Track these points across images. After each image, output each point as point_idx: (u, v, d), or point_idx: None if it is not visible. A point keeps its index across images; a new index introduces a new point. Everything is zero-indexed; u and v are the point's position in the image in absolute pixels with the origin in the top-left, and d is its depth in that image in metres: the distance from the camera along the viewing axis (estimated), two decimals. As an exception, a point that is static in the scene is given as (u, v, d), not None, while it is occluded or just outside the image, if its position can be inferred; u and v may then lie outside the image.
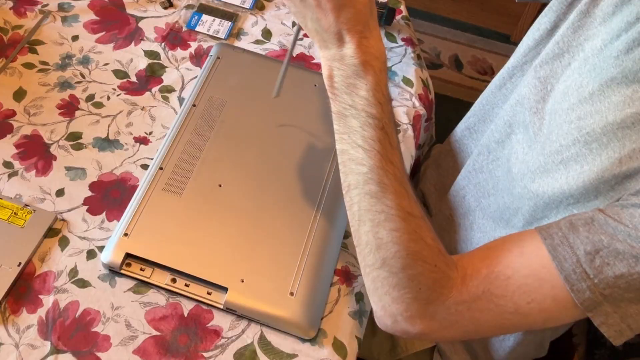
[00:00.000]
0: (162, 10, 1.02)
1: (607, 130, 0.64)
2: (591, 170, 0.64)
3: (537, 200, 0.70)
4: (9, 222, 0.75)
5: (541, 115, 0.74)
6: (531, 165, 0.72)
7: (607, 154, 0.63)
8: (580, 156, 0.66)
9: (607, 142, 0.63)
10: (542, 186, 0.70)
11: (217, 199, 0.79)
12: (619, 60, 0.65)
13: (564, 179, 0.67)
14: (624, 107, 0.63)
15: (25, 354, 0.68)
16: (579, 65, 0.70)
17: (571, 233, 0.59)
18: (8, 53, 0.92)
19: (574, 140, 0.66)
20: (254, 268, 0.74)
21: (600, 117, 0.65)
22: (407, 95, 0.96)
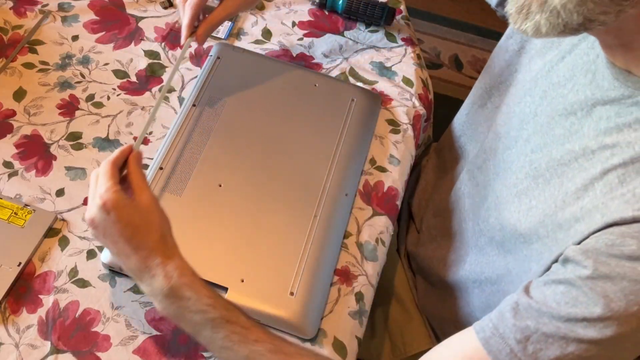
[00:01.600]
0: (162, 10, 1.02)
1: (549, 165, 0.65)
2: (537, 208, 0.66)
3: (504, 233, 0.72)
4: (9, 222, 0.75)
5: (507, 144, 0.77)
6: (499, 195, 0.74)
7: (549, 191, 0.64)
8: (529, 190, 0.67)
9: (550, 178, 0.65)
10: (504, 219, 0.71)
11: (217, 199, 0.79)
12: (567, 94, 0.66)
13: (516, 214, 0.69)
14: (564, 141, 0.64)
15: (25, 353, 0.68)
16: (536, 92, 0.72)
17: (500, 323, 0.59)
18: (8, 53, 0.92)
19: (526, 174, 0.68)
20: (254, 268, 0.74)
21: (548, 151, 0.66)
22: (407, 95, 0.96)
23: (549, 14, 0.53)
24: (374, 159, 0.89)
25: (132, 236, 0.62)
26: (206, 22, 0.84)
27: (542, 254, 0.64)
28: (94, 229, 0.64)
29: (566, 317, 0.56)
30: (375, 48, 1.01)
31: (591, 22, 0.52)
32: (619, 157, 0.58)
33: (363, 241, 0.81)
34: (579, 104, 0.64)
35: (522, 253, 0.69)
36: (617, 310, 0.53)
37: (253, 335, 0.62)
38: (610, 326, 0.54)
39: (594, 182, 0.59)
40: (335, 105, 0.91)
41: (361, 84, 0.97)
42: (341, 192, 0.83)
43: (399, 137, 0.92)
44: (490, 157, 0.80)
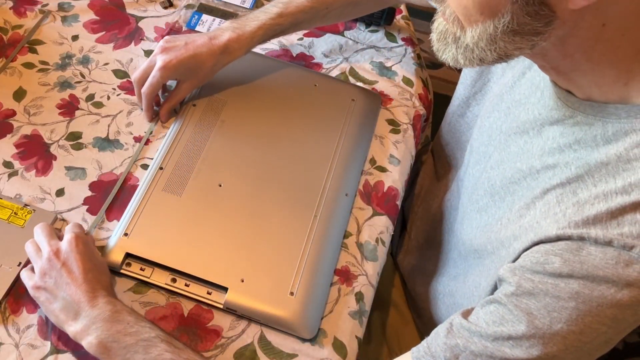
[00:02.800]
0: (162, 10, 1.01)
1: (503, 183, 0.66)
2: (489, 224, 0.67)
3: (465, 247, 0.74)
4: (9, 222, 0.75)
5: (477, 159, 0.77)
6: (465, 209, 0.75)
7: (503, 209, 0.65)
8: (488, 207, 0.68)
9: (504, 196, 0.65)
10: (465, 234, 0.73)
11: (217, 199, 0.79)
12: (523, 113, 0.67)
13: (475, 229, 0.70)
14: (516, 159, 0.65)
15: (25, 353, 0.68)
16: (502, 108, 0.72)
17: (433, 342, 0.60)
18: (8, 53, 0.92)
19: (485, 191, 0.69)
20: (254, 268, 0.74)
21: (502, 169, 0.67)
22: (407, 95, 0.96)
23: (463, 50, 0.55)
24: (374, 159, 0.89)
25: (90, 268, 0.67)
26: (166, 105, 0.86)
27: (489, 270, 0.65)
28: (50, 263, 0.67)
29: (493, 335, 0.56)
30: (375, 48, 1.01)
31: (507, 56, 0.54)
32: (558, 178, 0.58)
33: (363, 241, 0.81)
34: (530, 123, 0.65)
35: (477, 269, 0.70)
36: (541, 328, 0.53)
37: (185, 354, 0.64)
38: (536, 345, 0.54)
39: (535, 202, 0.60)
40: (335, 105, 0.91)
41: (361, 84, 0.97)
42: (341, 192, 0.83)
43: (399, 137, 0.92)
44: (466, 171, 0.81)
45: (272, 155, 0.84)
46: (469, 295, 0.72)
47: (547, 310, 0.53)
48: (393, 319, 0.93)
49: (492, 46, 0.53)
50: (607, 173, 0.54)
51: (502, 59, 0.55)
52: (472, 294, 0.70)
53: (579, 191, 0.56)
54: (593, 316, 0.52)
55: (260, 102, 0.89)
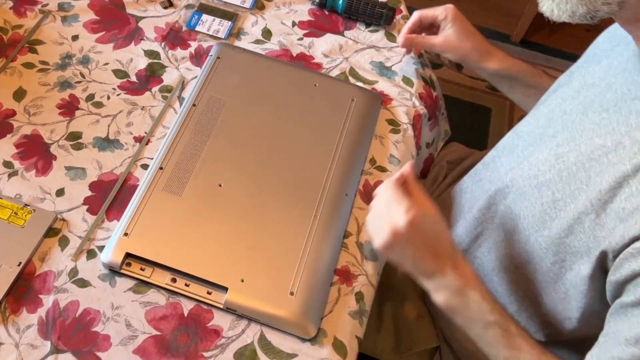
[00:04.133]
0: (162, 9, 1.02)
1: (578, 160, 0.66)
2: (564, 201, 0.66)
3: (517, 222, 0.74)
4: (9, 222, 0.75)
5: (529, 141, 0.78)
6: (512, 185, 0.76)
7: (575, 184, 0.65)
8: (552, 182, 0.68)
9: (576, 172, 0.66)
10: (519, 208, 0.73)
11: (217, 198, 0.79)
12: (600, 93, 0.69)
13: (538, 205, 0.70)
14: (593, 135, 0.66)
15: (25, 353, 0.68)
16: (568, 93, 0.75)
17: None
18: (8, 53, 0.92)
19: (550, 167, 0.69)
20: (254, 268, 0.74)
21: (575, 145, 0.68)
22: (407, 95, 0.96)
23: (559, 1, 0.58)
24: (374, 159, 0.89)
25: (431, 244, 0.69)
26: None
27: (577, 248, 0.65)
28: (395, 239, 0.68)
29: None
30: (375, 48, 1.01)
31: (596, 11, 0.57)
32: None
33: (363, 241, 0.81)
34: (614, 101, 0.66)
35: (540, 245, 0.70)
36: None
37: (517, 342, 0.69)
38: None
39: (628, 180, 0.60)
40: (335, 105, 0.91)
41: (361, 83, 0.97)
42: (341, 192, 0.83)
43: (399, 136, 0.92)
44: (504, 155, 0.81)
45: (272, 155, 0.84)
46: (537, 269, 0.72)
47: None
48: (406, 312, 0.94)
49: None
50: None
51: (592, 14, 0.57)
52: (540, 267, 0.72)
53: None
54: None
55: (260, 102, 0.89)
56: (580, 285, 0.67)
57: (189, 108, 0.87)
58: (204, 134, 0.84)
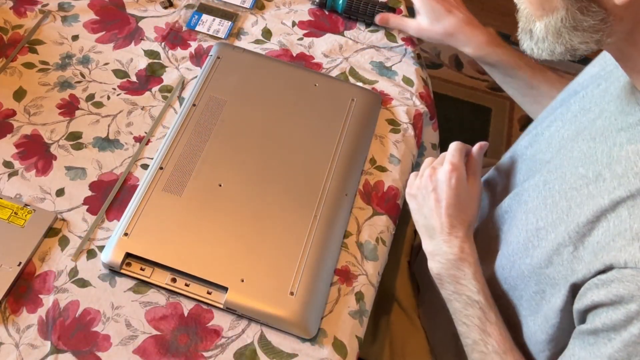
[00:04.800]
0: (162, 9, 1.02)
1: (562, 188, 0.66)
2: (546, 230, 0.66)
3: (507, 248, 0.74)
4: (9, 222, 0.75)
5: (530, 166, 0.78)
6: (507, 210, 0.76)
7: (557, 214, 0.65)
8: (537, 209, 0.68)
9: (558, 201, 0.66)
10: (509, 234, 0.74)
11: (217, 198, 0.79)
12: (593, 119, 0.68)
13: (523, 232, 0.70)
14: (578, 164, 0.65)
15: (26, 353, 0.68)
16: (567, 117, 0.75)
17: None
18: (8, 53, 0.92)
19: (538, 193, 0.70)
20: (254, 268, 0.74)
21: (562, 173, 0.67)
22: (407, 95, 0.96)
23: (536, 41, 0.60)
24: (374, 159, 0.89)
25: (453, 204, 0.73)
26: None
27: (556, 280, 0.65)
28: (426, 182, 0.74)
29: None
30: (375, 48, 1.01)
31: (575, 50, 0.58)
32: (626, 189, 0.58)
33: (363, 241, 0.81)
34: (602, 130, 0.65)
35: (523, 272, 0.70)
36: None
37: (491, 329, 0.70)
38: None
39: (607, 214, 0.59)
40: (335, 105, 0.91)
41: (361, 83, 0.97)
42: (341, 192, 0.83)
43: (399, 136, 0.92)
44: (505, 177, 0.81)
45: (272, 155, 0.84)
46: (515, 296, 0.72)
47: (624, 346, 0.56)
48: (401, 324, 0.93)
49: (558, 39, 0.58)
50: None
51: (571, 53, 0.59)
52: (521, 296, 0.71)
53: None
54: None
55: (260, 102, 0.89)
56: (552, 317, 0.66)
57: (189, 108, 0.87)
58: (204, 134, 0.84)
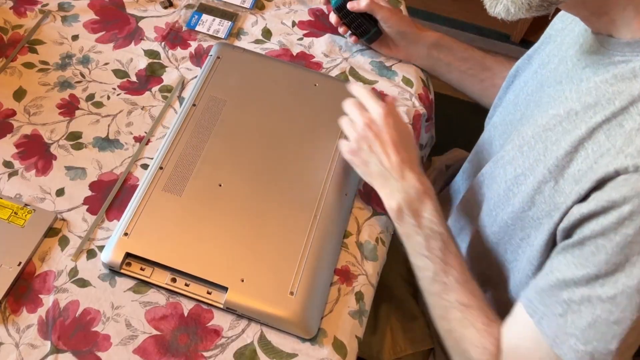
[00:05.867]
0: (162, 9, 1.02)
1: (535, 132, 0.67)
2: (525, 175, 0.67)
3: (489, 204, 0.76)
4: (9, 222, 0.75)
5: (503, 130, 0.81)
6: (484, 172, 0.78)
7: (534, 157, 0.66)
8: (514, 159, 0.69)
9: (534, 145, 0.67)
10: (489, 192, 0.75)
11: (217, 198, 0.79)
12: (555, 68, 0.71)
13: (503, 183, 0.71)
14: (548, 107, 0.67)
15: (26, 353, 0.68)
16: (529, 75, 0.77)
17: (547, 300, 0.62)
18: (8, 53, 0.92)
19: (512, 146, 0.71)
20: (254, 268, 0.74)
21: (534, 120, 0.69)
22: (407, 95, 0.96)
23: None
24: (374, 159, 0.89)
25: (400, 142, 0.75)
26: None
27: (540, 219, 0.66)
28: (365, 132, 0.76)
29: (585, 279, 0.58)
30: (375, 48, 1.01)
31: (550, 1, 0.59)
32: (602, 114, 0.59)
33: (363, 241, 0.81)
34: (566, 72, 0.68)
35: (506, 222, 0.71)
36: (619, 263, 0.55)
37: (451, 260, 0.71)
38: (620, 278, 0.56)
39: (584, 143, 0.60)
40: (335, 105, 0.90)
41: (361, 83, 0.97)
42: (341, 192, 0.83)
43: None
44: (484, 148, 0.83)
45: (272, 155, 0.84)
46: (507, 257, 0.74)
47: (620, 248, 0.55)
48: (401, 313, 0.94)
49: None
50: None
51: (546, 4, 0.59)
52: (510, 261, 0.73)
53: (625, 123, 0.57)
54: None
55: (260, 102, 0.89)
56: (536, 258, 0.67)
57: (189, 108, 0.87)
58: (204, 134, 0.84)
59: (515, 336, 0.66)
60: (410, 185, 0.73)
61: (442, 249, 0.72)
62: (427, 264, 0.72)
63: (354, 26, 0.97)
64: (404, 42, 0.98)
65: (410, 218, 0.73)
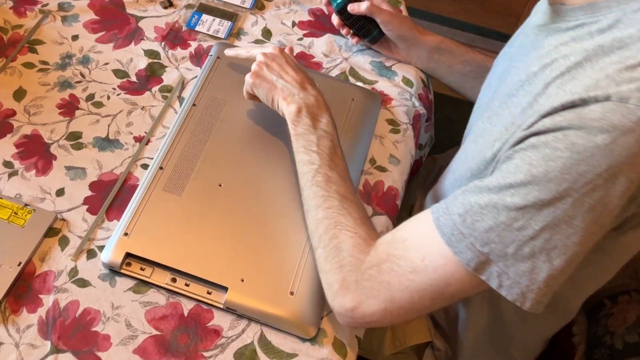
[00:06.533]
0: (162, 9, 1.02)
1: (501, 101, 0.69)
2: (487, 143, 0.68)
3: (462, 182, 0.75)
4: (9, 222, 0.75)
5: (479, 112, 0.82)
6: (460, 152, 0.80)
7: (501, 123, 0.67)
8: (485, 131, 0.70)
9: (501, 112, 0.68)
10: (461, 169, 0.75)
11: (217, 198, 0.79)
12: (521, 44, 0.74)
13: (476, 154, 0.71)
14: (513, 77, 0.68)
15: (26, 353, 0.68)
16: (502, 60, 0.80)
17: (451, 202, 0.63)
18: (8, 53, 0.92)
19: (483, 120, 0.72)
20: (254, 268, 0.74)
21: (500, 91, 0.71)
22: (407, 95, 0.96)
23: None
24: (374, 159, 0.89)
25: (296, 65, 0.82)
26: None
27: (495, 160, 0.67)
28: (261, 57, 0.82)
29: (498, 187, 0.59)
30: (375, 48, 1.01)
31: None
32: (557, 70, 0.60)
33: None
34: (531, 43, 0.69)
35: None
36: (537, 176, 0.56)
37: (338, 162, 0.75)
38: (532, 192, 0.56)
39: (538, 98, 0.61)
40: (335, 105, 0.91)
41: (361, 83, 0.97)
42: (341, 191, 0.83)
43: (399, 136, 0.92)
44: (467, 137, 0.83)
45: (272, 154, 0.84)
46: None
47: (544, 160, 0.56)
48: None
49: None
50: (604, 53, 0.57)
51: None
52: None
53: (577, 75, 0.58)
54: (587, 165, 0.54)
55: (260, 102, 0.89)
56: None
57: (189, 108, 0.87)
58: (204, 134, 0.84)
59: (409, 230, 0.67)
60: (311, 94, 0.78)
61: (331, 149, 0.75)
62: (315, 158, 0.74)
63: (356, 28, 0.98)
64: (404, 45, 0.98)
65: (307, 119, 0.76)
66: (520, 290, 0.59)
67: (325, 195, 0.72)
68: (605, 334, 0.86)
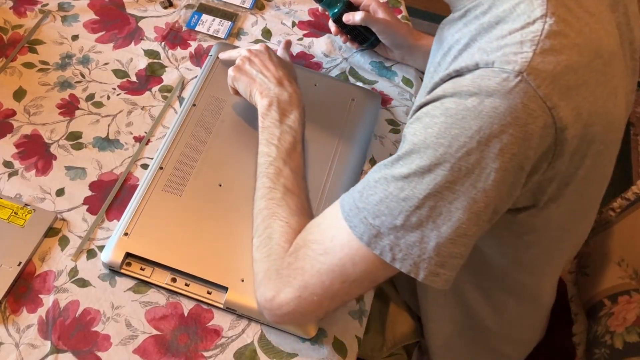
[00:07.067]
0: (162, 9, 1.02)
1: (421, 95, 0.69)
2: None
3: None
4: (9, 222, 0.75)
5: None
6: None
7: None
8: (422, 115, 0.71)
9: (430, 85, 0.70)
10: None
11: (217, 198, 0.79)
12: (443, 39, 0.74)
13: None
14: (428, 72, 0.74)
15: (26, 353, 0.68)
16: None
17: (358, 183, 0.65)
18: (8, 53, 0.92)
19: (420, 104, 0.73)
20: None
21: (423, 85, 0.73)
22: (406, 95, 0.96)
23: None
24: (374, 159, 0.89)
25: (279, 63, 0.83)
26: None
27: None
28: (245, 53, 0.84)
29: (390, 161, 0.61)
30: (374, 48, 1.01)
31: None
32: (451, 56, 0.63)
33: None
34: (437, 38, 0.73)
35: None
36: (417, 143, 0.58)
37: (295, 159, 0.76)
38: (414, 160, 0.58)
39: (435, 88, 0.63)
40: (335, 105, 0.91)
41: (361, 83, 0.97)
42: (341, 192, 0.82)
43: (399, 137, 0.92)
44: None
45: (272, 155, 0.84)
46: None
47: (424, 128, 0.58)
48: (390, 310, 0.95)
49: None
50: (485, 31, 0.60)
51: None
52: None
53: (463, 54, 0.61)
54: (459, 128, 0.55)
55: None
56: None
57: (189, 108, 0.87)
58: (204, 134, 0.84)
59: (323, 214, 0.68)
60: (286, 90, 0.79)
61: (291, 144, 0.76)
62: (273, 150, 0.75)
63: (353, 35, 0.98)
64: (399, 51, 0.98)
65: (275, 113, 0.77)
66: (412, 261, 0.59)
67: (271, 187, 0.73)
68: (605, 334, 0.86)
